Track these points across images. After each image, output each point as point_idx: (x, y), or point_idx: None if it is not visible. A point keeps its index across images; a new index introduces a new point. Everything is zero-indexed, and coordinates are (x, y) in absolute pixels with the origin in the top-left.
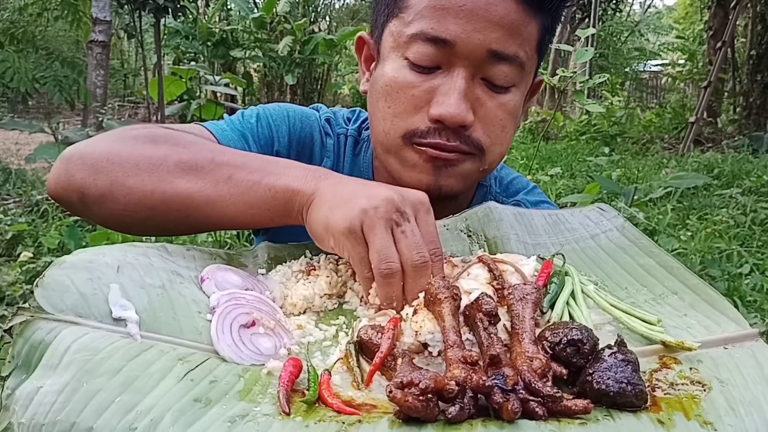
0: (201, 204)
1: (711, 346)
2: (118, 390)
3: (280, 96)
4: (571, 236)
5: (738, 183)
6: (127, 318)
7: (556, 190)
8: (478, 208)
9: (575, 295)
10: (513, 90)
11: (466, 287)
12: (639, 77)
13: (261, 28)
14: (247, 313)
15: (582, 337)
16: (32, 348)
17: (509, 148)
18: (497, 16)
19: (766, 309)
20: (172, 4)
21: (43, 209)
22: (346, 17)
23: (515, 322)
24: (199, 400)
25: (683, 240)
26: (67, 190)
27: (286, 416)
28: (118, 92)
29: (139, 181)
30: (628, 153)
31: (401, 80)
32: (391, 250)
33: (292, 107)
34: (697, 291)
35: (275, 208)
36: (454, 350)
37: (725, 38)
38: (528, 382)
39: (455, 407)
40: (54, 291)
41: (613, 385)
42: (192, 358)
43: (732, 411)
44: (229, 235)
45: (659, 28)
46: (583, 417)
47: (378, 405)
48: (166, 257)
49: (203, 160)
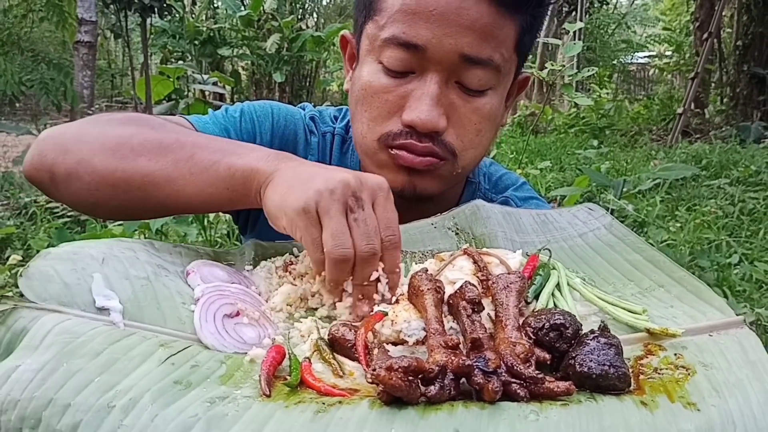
0: (161, 182)
1: (696, 333)
2: (98, 370)
3: (268, 94)
4: (559, 235)
5: (726, 173)
6: (110, 307)
7: (546, 184)
8: (465, 206)
9: (561, 286)
10: (489, 93)
11: (450, 278)
12: (627, 69)
13: (248, 25)
14: (232, 304)
15: (565, 322)
16: (14, 336)
17: (489, 149)
18: (469, 20)
19: (755, 298)
20: (158, 4)
21: (32, 212)
22: (333, 14)
23: (499, 310)
24: (179, 383)
25: (672, 231)
26: (39, 170)
27: (267, 398)
28: (106, 93)
29: (103, 160)
30: (617, 145)
31: (376, 85)
32: (346, 236)
33: (277, 104)
34: (683, 283)
35: (234, 187)
36: (436, 337)
37: (711, 29)
38: (510, 366)
39: (435, 386)
40: (37, 281)
41: (595, 368)
42: (174, 345)
43: (716, 393)
44: (219, 235)
45: (646, 20)
46: (565, 399)
47: (360, 389)
48: (153, 252)
49: (167, 140)
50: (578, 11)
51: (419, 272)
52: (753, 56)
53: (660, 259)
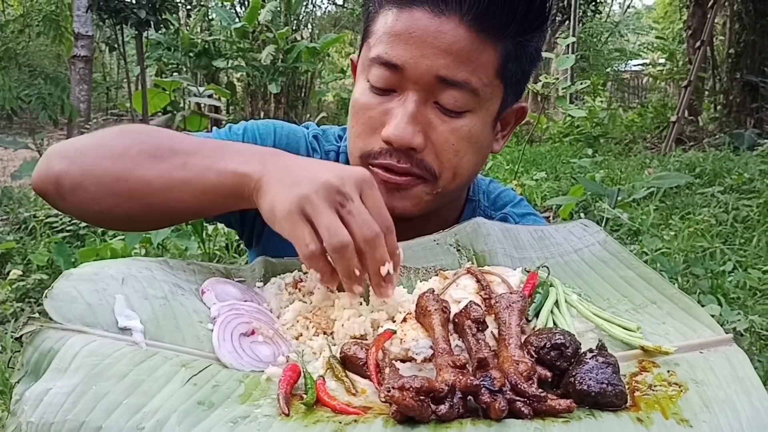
0: (160, 190)
1: (687, 350)
2: (125, 392)
3: (264, 105)
4: (556, 250)
5: (719, 181)
6: (132, 327)
7: (542, 193)
8: (466, 224)
9: (559, 304)
10: (468, 115)
11: (455, 296)
12: (620, 78)
13: (243, 37)
14: (247, 323)
15: (565, 341)
16: (41, 356)
17: (476, 172)
18: (445, 43)
19: (749, 305)
20: (154, 18)
21: (31, 227)
22: (328, 25)
23: (502, 329)
24: (202, 403)
25: (667, 240)
26: (45, 182)
27: (286, 417)
28: (101, 105)
29: (105, 170)
30: (611, 154)
31: (362, 102)
32: (338, 224)
33: (280, 123)
34: (674, 300)
35: (226, 192)
36: (444, 356)
37: (704, 37)
38: (514, 384)
39: (445, 405)
40: (62, 301)
41: (594, 386)
42: (195, 364)
43: (707, 409)
44: (218, 247)
45: (639, 29)
46: (566, 416)
47: (373, 407)
48: (168, 271)
49: (162, 148)
50: (571, 20)
51: (426, 293)
52: (745, 64)
53: (652, 276)
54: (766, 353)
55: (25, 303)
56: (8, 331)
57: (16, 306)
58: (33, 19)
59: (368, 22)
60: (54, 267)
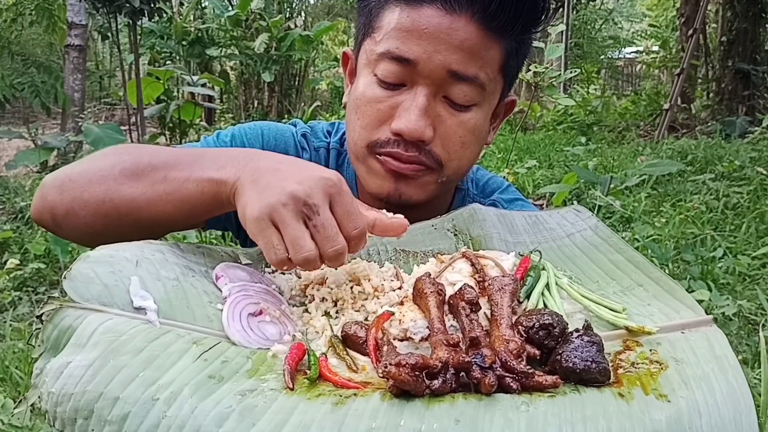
0: (144, 206)
1: (669, 330)
2: (141, 366)
3: (258, 94)
4: (549, 235)
5: (711, 168)
6: (146, 307)
7: (534, 181)
8: (463, 210)
9: (550, 286)
10: (474, 109)
11: (450, 279)
12: (614, 65)
13: (236, 25)
14: (255, 303)
15: (553, 322)
16: (61, 332)
17: (474, 162)
18: (458, 40)
19: (738, 291)
20: (148, 7)
21: (28, 216)
22: (321, 13)
23: (494, 309)
24: (212, 377)
25: (658, 226)
26: (42, 213)
27: (290, 391)
28: (94, 94)
29: (92, 194)
30: (605, 141)
31: (369, 95)
32: (304, 239)
33: (267, 125)
34: (659, 283)
35: (206, 200)
36: (438, 335)
37: (697, 25)
38: (504, 361)
39: (438, 380)
40: (80, 282)
41: (579, 363)
42: (205, 341)
43: (685, 385)
44: (214, 236)
45: (633, 16)
46: (552, 391)
47: (372, 382)
48: (179, 254)
49: (142, 164)
50: (565, 8)
51: (423, 276)
52: (737, 52)
53: (639, 259)
54: (753, 337)
55: (22, 292)
56: (6, 320)
57: (14, 295)
58: (26, 7)
59: (370, 16)
60: (51, 256)
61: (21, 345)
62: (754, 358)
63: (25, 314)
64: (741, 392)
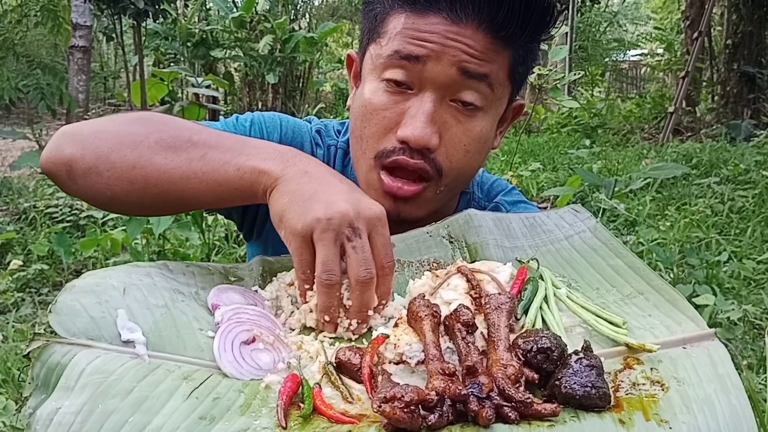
0: (176, 180)
1: (671, 346)
2: (130, 410)
3: (262, 95)
4: (547, 238)
5: (716, 172)
6: (135, 340)
7: (539, 184)
8: (458, 216)
9: (548, 299)
10: (480, 115)
11: (446, 298)
12: (618, 68)
13: (241, 27)
14: (248, 330)
15: (551, 345)
16: (49, 370)
17: (477, 170)
18: (467, 43)
19: (743, 295)
20: (152, 8)
21: (31, 217)
22: (326, 14)
23: (491, 330)
24: (204, 418)
25: (663, 230)
26: (56, 164)
27: (284, 430)
28: (99, 95)
29: (121, 157)
30: (609, 144)
31: (376, 102)
32: (335, 263)
33: (285, 117)
34: (660, 292)
35: (243, 187)
36: (434, 363)
37: (702, 28)
38: (502, 389)
39: (435, 415)
40: (66, 316)
41: (578, 389)
42: (196, 376)
43: (686, 409)
44: (217, 238)
45: (637, 18)
46: (551, 419)
47: (369, 415)
48: (168, 276)
49: (180, 139)
50: (570, 10)
51: (417, 298)
52: (743, 55)
53: (639, 266)
54: (759, 342)
55: (25, 293)
56: (9, 321)
57: (17, 296)
58: (30, 9)
59: (375, 22)
60: (54, 257)
61: (23, 346)
62: (759, 363)
63: (28, 315)
64: (743, 414)
